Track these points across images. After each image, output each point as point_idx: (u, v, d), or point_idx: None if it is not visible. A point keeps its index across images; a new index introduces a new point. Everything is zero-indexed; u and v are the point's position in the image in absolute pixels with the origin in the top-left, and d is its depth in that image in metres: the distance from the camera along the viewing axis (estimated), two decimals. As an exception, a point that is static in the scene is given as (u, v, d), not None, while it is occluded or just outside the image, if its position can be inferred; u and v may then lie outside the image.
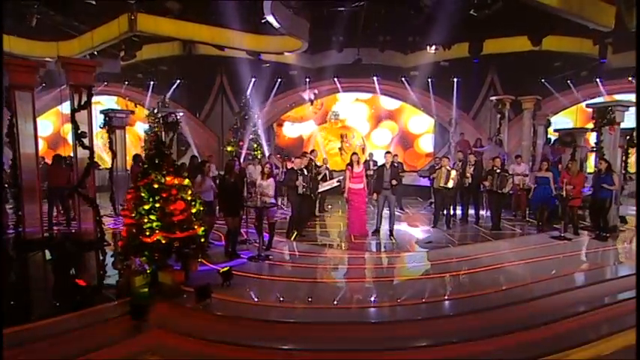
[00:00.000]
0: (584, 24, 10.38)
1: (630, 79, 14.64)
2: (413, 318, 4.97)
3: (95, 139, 8.37)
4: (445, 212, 9.83)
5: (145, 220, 5.23)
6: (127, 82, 16.51)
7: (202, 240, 5.76)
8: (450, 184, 9.31)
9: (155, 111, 13.24)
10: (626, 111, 10.02)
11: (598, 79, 15.22)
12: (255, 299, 5.46)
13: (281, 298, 5.43)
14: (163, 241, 5.24)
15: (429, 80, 15.62)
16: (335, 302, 5.38)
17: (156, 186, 5.30)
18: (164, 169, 5.39)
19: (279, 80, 16.13)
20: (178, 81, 16.17)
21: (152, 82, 16.34)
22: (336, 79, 16.13)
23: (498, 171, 9.38)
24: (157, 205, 5.27)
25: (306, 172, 8.52)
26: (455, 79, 15.56)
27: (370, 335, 4.75)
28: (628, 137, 10.85)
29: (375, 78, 15.93)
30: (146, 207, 5.24)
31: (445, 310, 5.20)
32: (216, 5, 10.51)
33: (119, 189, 10.65)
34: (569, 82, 15.52)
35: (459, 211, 10.46)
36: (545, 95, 14.55)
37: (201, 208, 5.78)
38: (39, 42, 12.99)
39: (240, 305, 5.22)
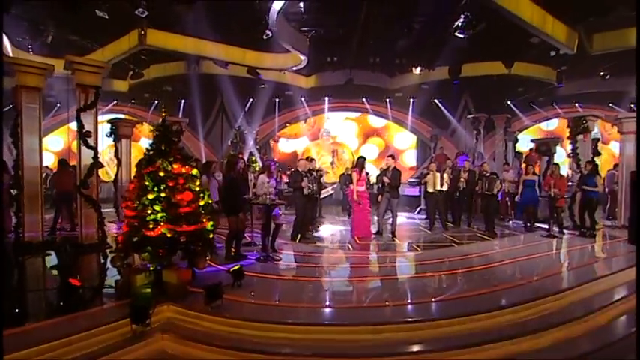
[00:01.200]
0: (554, 45, 10.05)
1: (576, 105, 15.18)
2: (445, 315, 3.97)
3: (102, 155, 7.33)
4: (438, 216, 9.01)
5: (149, 212, 4.06)
6: (132, 101, 15.33)
7: (211, 236, 4.59)
8: (445, 187, 8.68)
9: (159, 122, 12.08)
10: (596, 121, 9.85)
11: (554, 103, 15.58)
12: (269, 300, 4.35)
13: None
14: (169, 235, 4.07)
15: (412, 100, 15.16)
16: (353, 302, 4.48)
17: (161, 174, 4.14)
18: (171, 155, 4.27)
19: (278, 100, 15.25)
20: (184, 101, 15.10)
21: (157, 101, 15.20)
22: (326, 99, 15.35)
23: (487, 174, 8.85)
24: (163, 195, 4.11)
25: (309, 175, 7.64)
26: (437, 100, 15.09)
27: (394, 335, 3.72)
28: (594, 147, 10.60)
29: (364, 99, 15.26)
30: (150, 197, 4.07)
31: (479, 304, 4.12)
32: (221, 22, 9.65)
33: (124, 200, 9.39)
34: (531, 104, 15.50)
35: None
36: (511, 115, 14.53)
37: (210, 202, 4.66)
38: (51, 59, 11.81)
39: (251, 306, 4.10)
